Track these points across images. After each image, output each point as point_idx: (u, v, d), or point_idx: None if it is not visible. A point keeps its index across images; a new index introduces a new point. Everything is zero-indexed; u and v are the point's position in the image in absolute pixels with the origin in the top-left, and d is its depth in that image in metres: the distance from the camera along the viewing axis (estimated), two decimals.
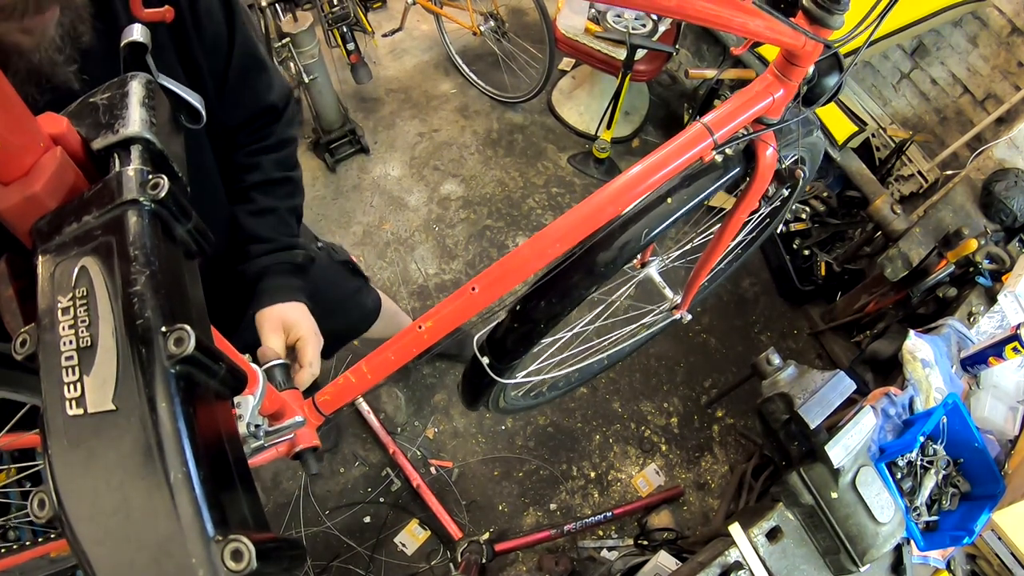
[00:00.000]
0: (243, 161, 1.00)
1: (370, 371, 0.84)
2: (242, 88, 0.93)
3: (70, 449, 0.38)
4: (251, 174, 1.01)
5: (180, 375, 0.40)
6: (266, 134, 1.01)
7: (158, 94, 0.55)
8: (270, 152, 1.02)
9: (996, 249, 1.62)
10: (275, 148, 1.02)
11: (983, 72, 2.15)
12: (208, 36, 0.84)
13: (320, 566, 1.83)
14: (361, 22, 2.69)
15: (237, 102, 0.94)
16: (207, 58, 0.85)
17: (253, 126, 1.00)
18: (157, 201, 0.46)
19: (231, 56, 0.89)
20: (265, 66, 0.97)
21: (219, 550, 0.35)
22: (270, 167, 1.01)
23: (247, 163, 1.00)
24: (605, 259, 0.91)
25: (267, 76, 0.97)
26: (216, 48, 0.86)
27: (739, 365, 2.31)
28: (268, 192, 1.01)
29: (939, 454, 1.23)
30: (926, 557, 1.18)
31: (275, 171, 1.02)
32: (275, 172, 1.02)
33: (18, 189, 0.46)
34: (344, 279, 1.41)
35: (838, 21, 0.75)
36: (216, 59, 0.87)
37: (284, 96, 1.02)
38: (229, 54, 0.88)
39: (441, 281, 2.41)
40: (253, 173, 1.01)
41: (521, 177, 2.72)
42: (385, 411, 2.11)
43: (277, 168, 1.02)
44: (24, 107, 0.44)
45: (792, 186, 1.13)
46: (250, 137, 1.00)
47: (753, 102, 0.86)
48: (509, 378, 1.06)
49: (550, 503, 2.01)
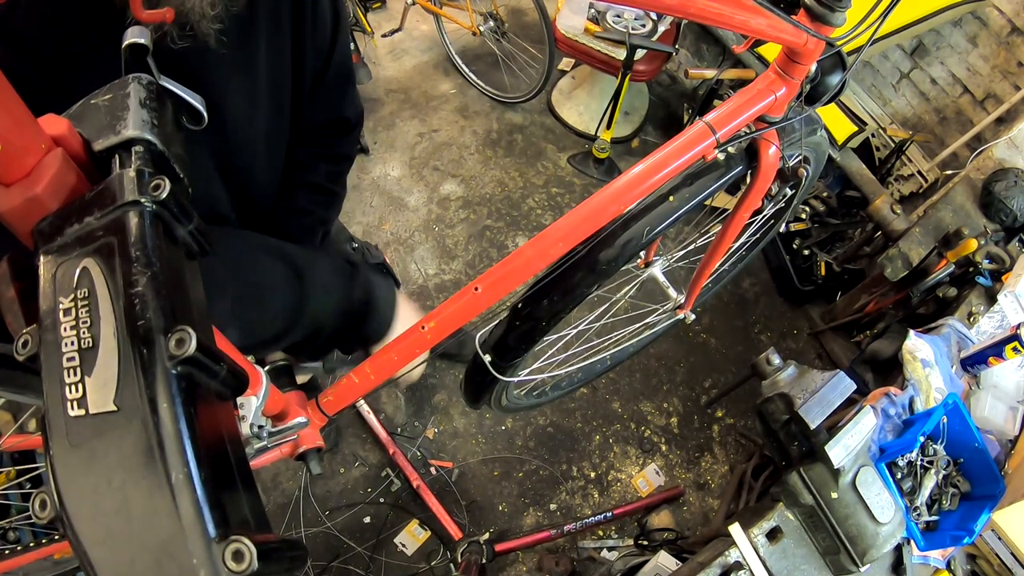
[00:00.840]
0: (302, 159, 1.02)
1: (373, 371, 0.84)
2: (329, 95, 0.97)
3: (71, 450, 0.38)
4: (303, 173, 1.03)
5: (181, 376, 0.40)
6: (332, 143, 1.04)
7: (159, 95, 0.55)
8: (329, 161, 1.05)
9: (996, 249, 1.62)
10: (334, 159, 1.06)
11: (983, 72, 2.16)
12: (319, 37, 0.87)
13: (320, 566, 1.83)
14: (361, 22, 2.69)
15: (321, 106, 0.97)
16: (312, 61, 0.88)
17: (324, 131, 1.02)
18: (158, 202, 0.46)
19: (330, 61, 0.92)
20: (353, 80, 1.02)
21: (220, 551, 0.35)
22: (322, 174, 1.04)
23: (304, 161, 1.03)
24: (607, 257, 0.91)
25: (353, 91, 1.02)
26: (321, 50, 0.89)
27: (739, 365, 2.31)
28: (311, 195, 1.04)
29: (939, 454, 1.23)
30: (926, 557, 1.18)
31: (326, 180, 1.05)
32: (324, 181, 1.05)
33: (20, 190, 0.46)
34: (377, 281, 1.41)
35: (840, 19, 0.75)
36: (318, 60, 0.90)
37: (358, 115, 1.06)
38: (329, 58, 0.92)
39: (441, 281, 2.41)
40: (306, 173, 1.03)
41: (521, 177, 2.72)
42: (385, 411, 2.11)
43: (327, 178, 1.05)
44: (26, 108, 0.44)
45: (795, 185, 1.13)
46: (317, 140, 1.03)
47: (755, 100, 0.86)
48: (511, 376, 1.06)
49: (550, 503, 2.01)
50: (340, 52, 0.93)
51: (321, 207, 1.06)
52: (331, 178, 1.06)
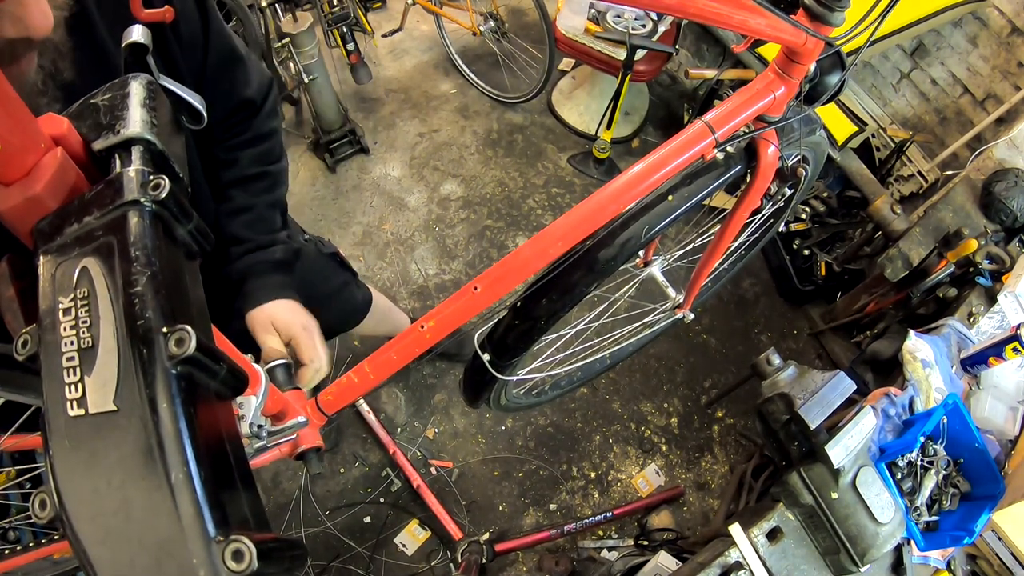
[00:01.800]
0: (221, 157, 0.99)
1: (372, 371, 0.84)
2: (219, 84, 0.92)
3: (71, 449, 0.38)
4: (228, 170, 0.99)
5: (181, 375, 0.40)
6: (243, 128, 0.99)
7: (159, 95, 0.55)
8: (248, 147, 1.00)
9: (996, 249, 1.62)
10: (253, 142, 1.01)
11: (983, 72, 2.15)
12: (185, 36, 0.83)
13: (320, 566, 1.83)
14: (361, 22, 2.69)
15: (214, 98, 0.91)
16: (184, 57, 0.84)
17: (230, 121, 0.98)
18: (158, 202, 0.46)
19: (207, 53, 0.87)
20: (241, 60, 0.95)
21: (220, 550, 0.35)
22: (247, 162, 1.00)
23: (224, 159, 0.99)
24: (606, 256, 0.91)
25: (244, 70, 0.96)
26: (193, 47, 0.85)
27: (739, 365, 2.31)
28: (245, 188, 0.99)
29: (939, 454, 1.23)
30: (926, 557, 1.18)
31: (252, 166, 1.00)
32: (252, 167, 1.00)
33: (19, 190, 0.46)
34: (332, 272, 1.39)
35: (839, 18, 0.75)
36: (193, 57, 0.86)
37: (262, 88, 1.00)
38: (205, 51, 0.87)
39: (441, 281, 2.41)
40: (230, 169, 0.99)
41: (521, 177, 2.72)
42: (385, 411, 2.11)
43: (255, 163, 1.00)
44: (25, 108, 0.44)
45: (794, 185, 1.13)
46: (227, 132, 0.99)
47: (754, 100, 0.86)
48: (510, 375, 1.06)
49: (550, 503, 2.01)
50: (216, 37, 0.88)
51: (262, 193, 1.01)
52: (259, 161, 1.01)
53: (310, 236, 1.33)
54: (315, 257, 1.31)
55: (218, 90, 0.92)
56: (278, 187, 1.05)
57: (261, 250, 0.97)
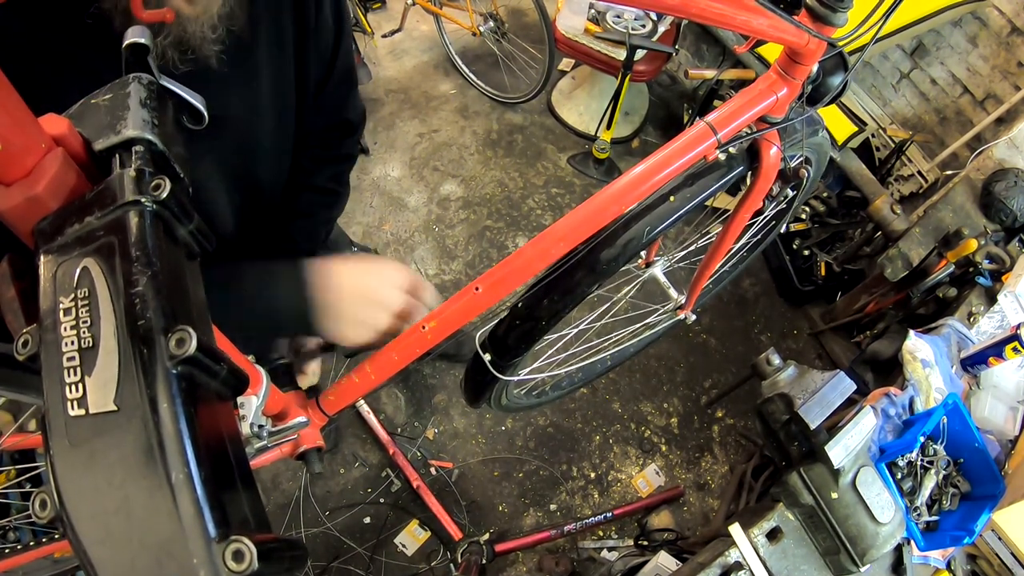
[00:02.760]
0: (305, 164, 1.03)
1: (373, 371, 0.84)
2: (332, 99, 0.96)
3: (72, 449, 0.38)
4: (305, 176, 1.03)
5: (182, 376, 0.40)
6: (335, 145, 1.05)
7: (160, 95, 0.55)
8: (332, 163, 1.06)
9: (996, 249, 1.62)
10: (337, 160, 1.06)
11: (983, 72, 2.16)
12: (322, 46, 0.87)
13: (320, 567, 1.83)
14: (361, 23, 2.69)
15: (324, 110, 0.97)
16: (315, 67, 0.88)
17: (327, 135, 1.03)
18: (159, 202, 0.46)
19: (334, 68, 0.92)
20: (355, 83, 1.01)
21: (220, 551, 0.34)
22: (326, 176, 1.05)
23: (307, 166, 1.03)
24: (608, 257, 0.91)
25: (354, 94, 1.02)
26: (323, 58, 0.89)
27: (739, 365, 2.31)
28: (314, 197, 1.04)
29: (939, 454, 1.23)
30: (926, 557, 1.18)
31: (329, 182, 1.05)
32: (328, 183, 1.05)
33: (20, 190, 0.46)
34: None
35: (842, 19, 0.75)
36: (320, 69, 0.90)
37: (360, 115, 1.06)
38: (332, 65, 0.91)
39: (441, 282, 2.41)
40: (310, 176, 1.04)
41: (521, 178, 2.72)
42: (385, 412, 2.11)
43: (331, 179, 1.06)
44: (26, 108, 0.44)
45: (797, 186, 1.13)
46: (320, 144, 1.03)
47: (756, 101, 0.86)
48: (511, 375, 1.06)
49: (550, 503, 2.01)
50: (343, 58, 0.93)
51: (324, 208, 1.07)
52: (334, 179, 1.07)
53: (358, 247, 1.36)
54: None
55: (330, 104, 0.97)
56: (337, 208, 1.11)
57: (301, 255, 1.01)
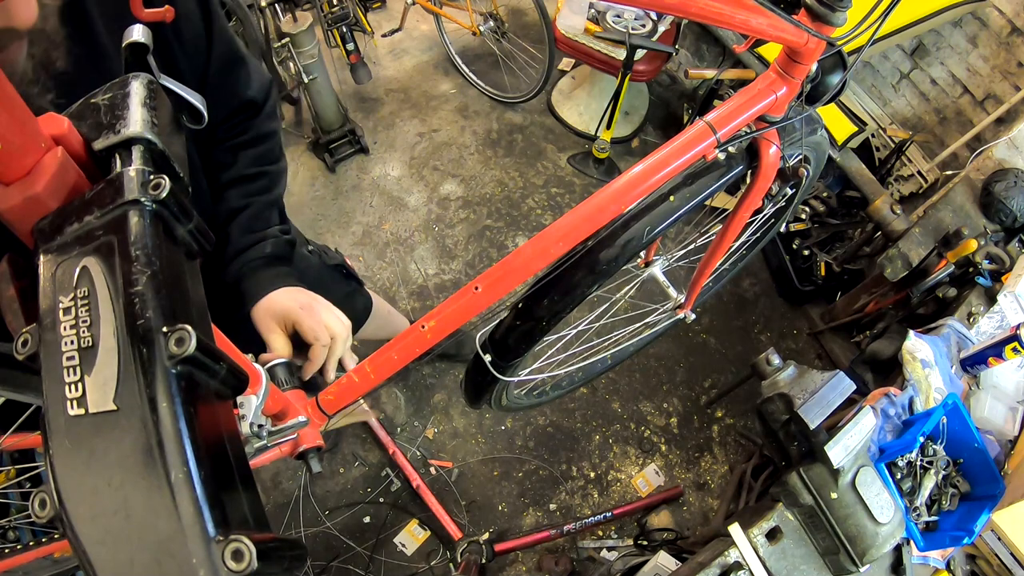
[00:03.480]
0: (220, 158, 0.99)
1: (373, 371, 0.84)
2: (221, 85, 0.92)
3: (71, 449, 0.38)
4: (226, 171, 0.99)
5: (181, 375, 0.40)
6: (244, 129, 0.99)
7: (159, 94, 0.55)
8: (248, 147, 1.00)
9: (996, 249, 1.62)
10: (253, 143, 1.01)
11: (983, 72, 2.16)
12: (188, 39, 0.83)
13: (320, 566, 1.83)
14: (361, 22, 2.69)
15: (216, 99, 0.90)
16: (188, 61, 0.84)
17: (231, 122, 0.98)
18: (158, 201, 0.46)
19: (210, 56, 0.88)
20: (243, 61, 0.95)
21: (220, 550, 0.35)
22: (245, 163, 1.00)
23: (224, 160, 0.99)
24: (607, 257, 0.91)
25: (246, 71, 0.96)
26: (196, 50, 0.85)
27: (739, 365, 2.31)
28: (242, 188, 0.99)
29: (939, 454, 1.23)
30: (926, 557, 1.18)
31: (251, 167, 1.00)
32: (250, 168, 1.00)
33: (20, 189, 0.46)
34: (335, 283, 1.39)
35: (841, 18, 0.75)
36: (196, 60, 0.86)
37: (263, 89, 1.00)
38: (208, 54, 0.87)
39: (441, 281, 2.41)
40: (228, 170, 0.99)
41: (521, 177, 2.72)
42: (385, 411, 2.11)
43: (254, 164, 1.00)
44: (25, 107, 0.44)
45: (796, 185, 1.13)
46: (228, 133, 0.99)
47: (756, 100, 0.86)
48: (511, 376, 1.06)
49: (550, 503, 2.01)
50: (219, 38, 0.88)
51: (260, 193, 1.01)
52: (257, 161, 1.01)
53: (315, 247, 1.33)
54: (317, 268, 1.31)
55: (220, 91, 0.92)
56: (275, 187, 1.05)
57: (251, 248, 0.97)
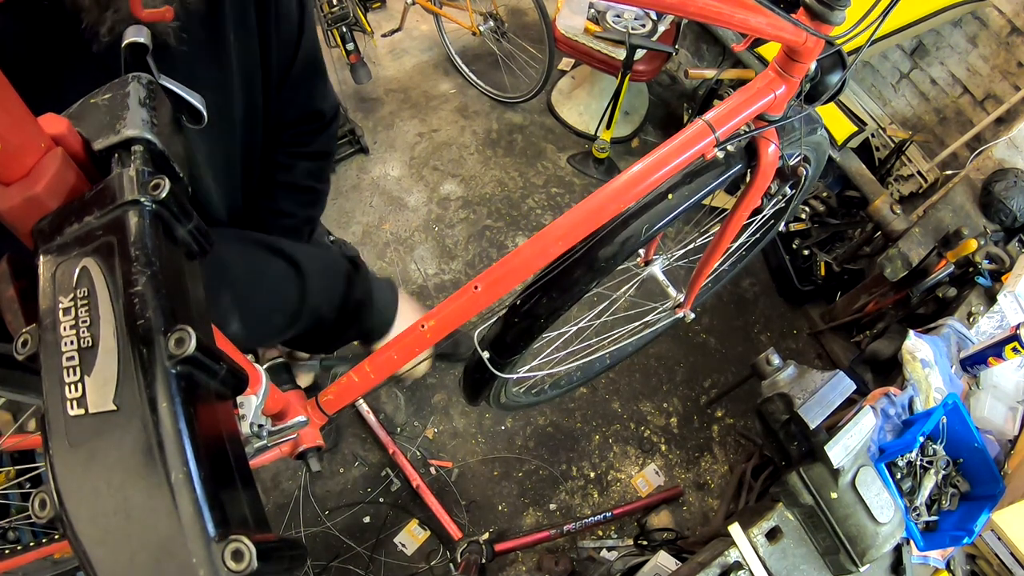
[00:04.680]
0: (280, 159, 1.02)
1: (373, 370, 0.84)
2: (300, 88, 0.96)
3: (71, 449, 0.38)
4: (282, 174, 1.02)
5: (181, 375, 0.40)
6: (308, 140, 1.03)
7: (159, 94, 0.55)
8: (307, 159, 1.04)
9: (996, 249, 1.62)
10: (313, 156, 1.05)
11: (983, 72, 2.16)
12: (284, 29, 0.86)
13: (320, 566, 1.83)
14: (360, 22, 2.68)
15: (293, 101, 0.96)
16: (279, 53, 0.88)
17: (299, 128, 1.02)
18: (158, 202, 0.46)
19: (297, 55, 0.91)
20: (324, 73, 1.00)
21: (220, 550, 0.35)
22: (302, 173, 1.03)
23: (283, 162, 1.02)
24: (606, 254, 0.91)
25: (324, 83, 1.01)
26: (287, 45, 0.89)
27: (739, 365, 2.31)
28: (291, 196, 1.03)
29: (939, 454, 1.23)
30: (926, 557, 1.18)
31: (305, 178, 1.04)
32: (305, 180, 1.04)
33: (19, 190, 0.46)
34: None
35: (840, 17, 0.75)
36: (285, 55, 0.89)
37: (334, 108, 1.05)
38: (295, 53, 0.91)
39: (441, 281, 2.41)
40: (285, 173, 1.02)
41: (521, 177, 2.72)
42: (385, 411, 2.11)
43: (308, 176, 1.04)
44: (25, 108, 0.44)
45: (795, 184, 1.13)
46: (293, 138, 1.02)
47: (755, 99, 0.86)
48: (510, 373, 1.06)
49: (550, 503, 2.01)
50: (307, 43, 0.92)
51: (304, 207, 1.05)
52: (312, 176, 1.05)
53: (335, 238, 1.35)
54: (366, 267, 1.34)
55: (298, 93, 0.96)
56: (318, 206, 1.10)
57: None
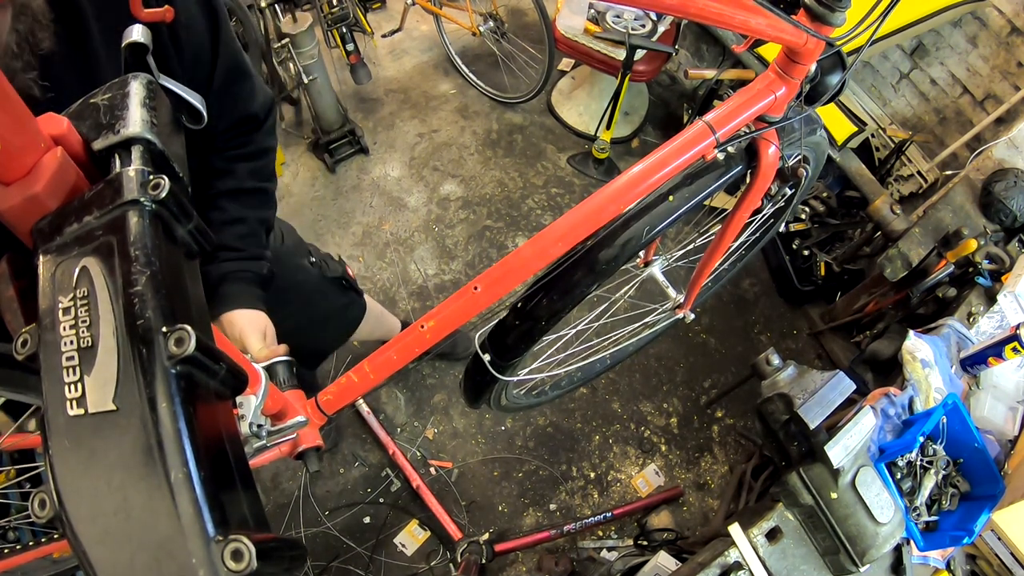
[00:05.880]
0: (218, 166, 0.98)
1: (372, 371, 0.84)
2: (224, 97, 0.92)
3: (71, 449, 0.38)
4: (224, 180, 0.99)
5: (181, 375, 0.40)
6: (245, 141, 1.00)
7: (159, 94, 0.55)
8: (247, 160, 1.01)
9: (995, 249, 1.62)
10: (252, 156, 1.01)
11: (983, 72, 2.16)
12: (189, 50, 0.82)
13: (320, 566, 1.83)
14: (360, 23, 2.68)
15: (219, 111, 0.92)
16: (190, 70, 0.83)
17: (233, 133, 0.98)
18: (158, 201, 0.46)
19: (215, 67, 0.87)
20: (248, 74, 0.95)
21: (219, 550, 0.35)
22: (244, 175, 1.00)
23: (222, 168, 0.99)
24: (607, 256, 0.91)
25: (250, 85, 0.96)
26: (198, 60, 0.84)
27: (739, 365, 2.31)
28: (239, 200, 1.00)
29: (939, 454, 1.23)
30: (926, 557, 1.18)
31: (249, 180, 1.00)
32: (249, 181, 1.00)
33: (19, 189, 0.46)
34: (331, 295, 1.41)
35: (840, 18, 0.75)
36: (199, 70, 0.85)
37: (266, 105, 1.01)
38: (213, 65, 0.87)
39: (441, 281, 2.41)
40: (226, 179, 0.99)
41: (521, 177, 2.72)
42: (385, 411, 2.11)
43: (251, 177, 1.01)
44: (25, 107, 0.44)
45: (795, 185, 1.13)
46: (228, 143, 0.99)
47: (755, 100, 0.86)
48: (511, 376, 1.06)
49: (550, 503, 2.01)
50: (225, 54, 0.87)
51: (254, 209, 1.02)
52: (255, 175, 1.02)
53: (317, 258, 1.34)
54: (315, 282, 1.34)
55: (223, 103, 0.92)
56: (269, 206, 1.06)
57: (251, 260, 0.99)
